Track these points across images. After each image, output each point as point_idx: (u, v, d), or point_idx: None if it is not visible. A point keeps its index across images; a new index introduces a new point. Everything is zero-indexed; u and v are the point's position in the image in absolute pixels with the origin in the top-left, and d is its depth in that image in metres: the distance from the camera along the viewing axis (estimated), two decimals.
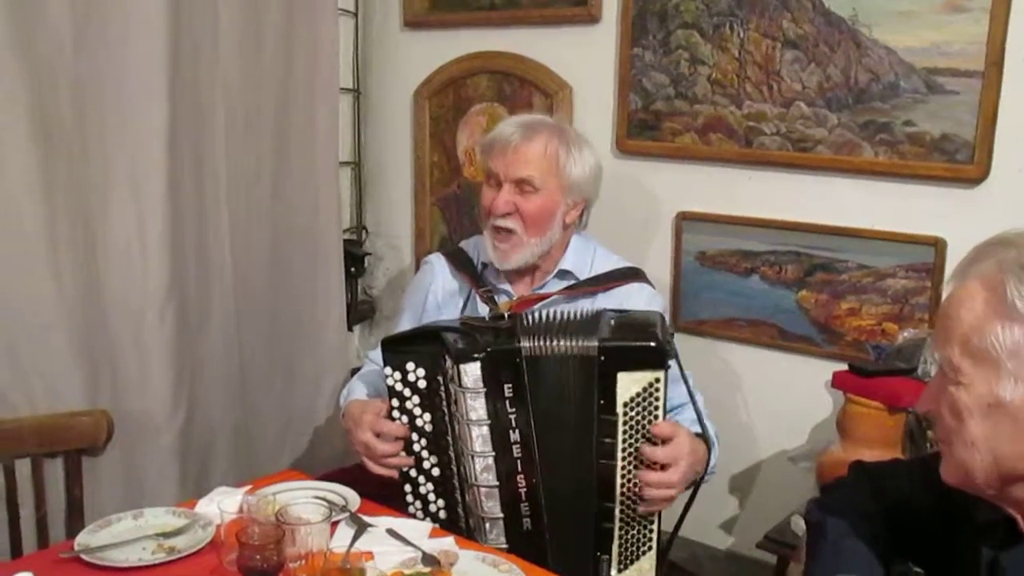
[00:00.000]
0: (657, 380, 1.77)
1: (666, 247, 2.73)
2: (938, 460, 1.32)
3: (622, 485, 1.82)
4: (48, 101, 2.29)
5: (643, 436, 1.80)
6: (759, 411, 2.66)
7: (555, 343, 1.82)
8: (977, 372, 1.17)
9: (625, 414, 1.79)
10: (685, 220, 2.68)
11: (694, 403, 1.92)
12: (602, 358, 1.78)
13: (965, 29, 2.20)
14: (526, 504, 1.86)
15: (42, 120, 2.28)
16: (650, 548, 1.88)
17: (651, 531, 1.87)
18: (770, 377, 2.63)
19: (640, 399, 1.78)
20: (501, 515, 1.87)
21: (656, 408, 1.79)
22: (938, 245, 2.30)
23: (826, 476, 2.14)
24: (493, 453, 1.85)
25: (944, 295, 1.25)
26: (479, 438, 1.84)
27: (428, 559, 1.65)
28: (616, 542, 1.86)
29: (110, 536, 1.73)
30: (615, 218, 2.74)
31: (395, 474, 1.95)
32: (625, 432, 1.80)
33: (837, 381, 2.27)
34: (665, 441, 1.80)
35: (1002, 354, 1.14)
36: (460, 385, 1.82)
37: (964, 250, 1.25)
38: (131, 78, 2.40)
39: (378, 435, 1.94)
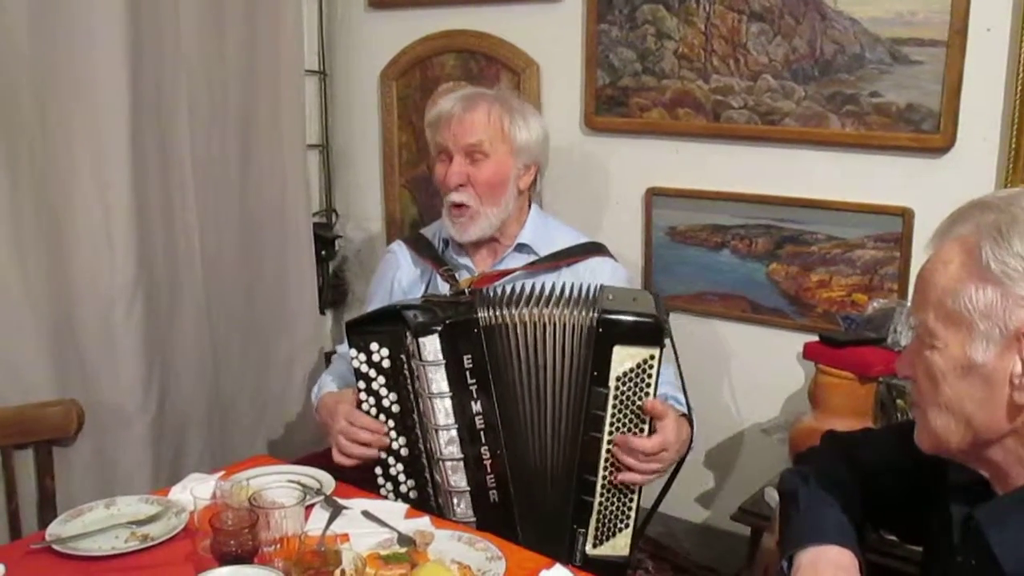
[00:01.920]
0: (652, 357, 1.78)
1: (636, 223, 2.73)
2: (910, 427, 1.32)
3: (606, 459, 1.83)
4: (6, 91, 2.26)
5: (632, 412, 1.81)
6: (731, 384, 2.67)
7: (525, 313, 1.83)
8: (951, 334, 1.17)
9: (617, 388, 1.80)
10: (655, 195, 2.68)
11: (682, 383, 1.94)
12: (600, 330, 1.79)
13: None
14: (492, 476, 1.87)
15: (1, 111, 2.25)
16: (627, 526, 1.89)
17: (630, 508, 1.88)
18: (742, 350, 2.64)
19: (633, 374, 1.79)
20: (467, 488, 1.88)
21: (648, 385, 1.80)
22: (906, 215, 2.31)
23: (799, 447, 2.15)
24: (456, 425, 1.86)
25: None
26: (442, 411, 1.85)
27: (404, 539, 1.65)
28: (594, 516, 1.87)
29: (82, 526, 1.72)
30: (585, 195, 2.74)
31: (373, 453, 1.94)
32: (615, 406, 1.81)
33: (808, 352, 2.28)
34: (654, 419, 1.81)
35: (974, 315, 1.15)
36: (421, 359, 1.83)
37: (932, 219, 1.26)
38: (91, 65, 2.36)
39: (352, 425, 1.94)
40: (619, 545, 1.89)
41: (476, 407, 1.85)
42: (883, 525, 1.63)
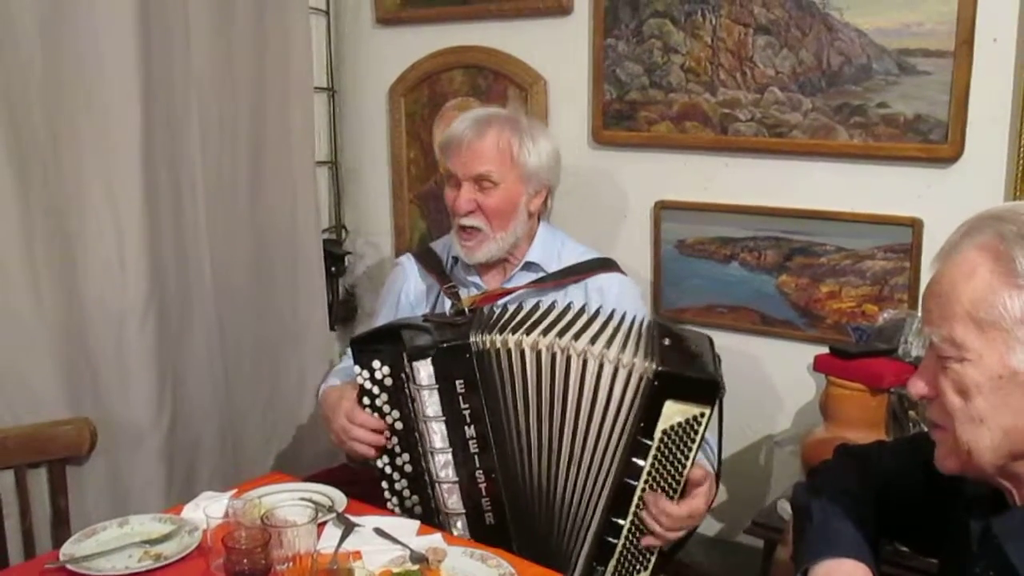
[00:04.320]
0: (703, 415, 1.74)
1: (645, 236, 2.74)
2: (923, 439, 1.31)
3: (637, 506, 1.80)
4: (19, 111, 2.27)
5: (672, 466, 1.77)
6: (742, 396, 2.64)
7: (559, 341, 1.79)
8: (986, 344, 1.14)
9: (661, 440, 1.75)
10: (664, 209, 2.68)
11: (720, 439, 1.90)
12: (656, 383, 1.73)
13: (935, 8, 2.21)
14: (487, 499, 1.86)
15: (14, 131, 2.27)
16: (646, 568, 1.87)
17: (652, 554, 1.86)
18: (752, 362, 2.64)
19: (680, 429, 1.74)
20: (463, 511, 1.87)
21: (692, 441, 1.75)
22: (915, 225, 2.31)
23: (811, 459, 2.15)
24: (451, 449, 1.84)
25: (933, 273, 1.22)
26: (438, 434, 1.84)
27: (416, 557, 1.65)
28: (615, 557, 1.84)
29: (96, 545, 1.72)
30: (593, 209, 2.75)
31: (371, 452, 1.93)
32: (655, 458, 1.76)
33: (819, 364, 2.28)
34: (689, 485, 1.78)
35: (1011, 323, 1.12)
36: (415, 383, 1.83)
37: (941, 229, 1.25)
38: (102, 84, 2.38)
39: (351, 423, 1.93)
40: None
41: (470, 431, 1.83)
42: (897, 537, 1.62)
